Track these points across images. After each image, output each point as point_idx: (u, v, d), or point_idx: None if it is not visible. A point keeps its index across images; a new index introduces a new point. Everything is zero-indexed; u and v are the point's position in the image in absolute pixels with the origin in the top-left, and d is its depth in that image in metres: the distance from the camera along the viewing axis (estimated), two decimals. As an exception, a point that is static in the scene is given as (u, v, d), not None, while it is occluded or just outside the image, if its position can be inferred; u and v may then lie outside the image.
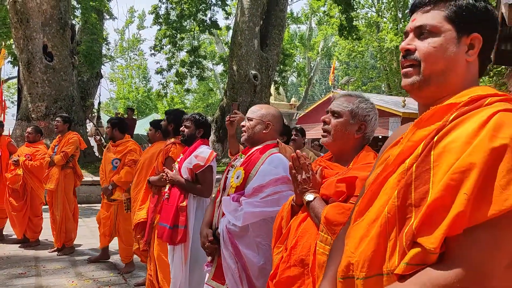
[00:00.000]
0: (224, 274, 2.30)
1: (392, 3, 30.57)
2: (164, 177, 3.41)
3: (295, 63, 37.58)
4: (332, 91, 28.09)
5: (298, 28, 40.20)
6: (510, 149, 0.89)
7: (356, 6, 30.96)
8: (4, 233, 6.55)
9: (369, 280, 1.03)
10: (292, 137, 5.13)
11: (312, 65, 35.10)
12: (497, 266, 0.89)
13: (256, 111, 2.52)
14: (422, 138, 1.04)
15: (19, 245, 6.10)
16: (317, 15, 30.03)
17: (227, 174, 2.52)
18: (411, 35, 1.16)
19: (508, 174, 0.87)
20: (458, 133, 0.97)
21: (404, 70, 1.15)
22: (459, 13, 1.10)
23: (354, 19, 29.26)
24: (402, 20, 30.45)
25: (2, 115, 16.87)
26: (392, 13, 31.02)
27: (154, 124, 4.71)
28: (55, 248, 5.80)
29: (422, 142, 1.02)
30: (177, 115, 4.12)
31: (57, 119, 5.98)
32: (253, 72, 14.08)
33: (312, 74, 34.26)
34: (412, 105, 23.70)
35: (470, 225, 0.89)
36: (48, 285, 4.49)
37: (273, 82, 17.21)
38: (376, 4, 32.22)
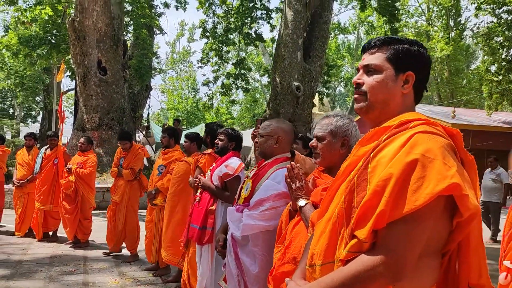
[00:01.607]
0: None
1: (444, 11, 29.88)
2: (197, 182, 3.73)
3: (342, 73, 37.47)
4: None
5: (346, 38, 40.11)
6: (420, 163, 1.14)
7: (405, 15, 30.58)
8: (58, 234, 7.16)
9: (324, 266, 1.30)
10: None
11: (360, 75, 34.73)
12: (411, 254, 1.15)
13: (266, 126, 2.73)
14: (364, 154, 1.30)
15: (71, 245, 6.65)
16: (365, 24, 29.89)
17: (244, 184, 2.78)
18: (361, 71, 1.45)
19: (418, 181, 1.13)
20: (387, 150, 1.23)
21: (355, 96, 1.44)
22: (396, 55, 1.39)
23: (404, 28, 28.88)
24: (454, 28, 29.70)
25: (61, 125, 18.04)
26: (443, 21, 30.30)
27: (189, 136, 5.05)
28: (108, 252, 6.16)
29: (363, 157, 1.28)
30: (213, 128, 4.47)
31: (122, 141, 6.12)
32: (296, 83, 14.29)
33: (359, 84, 33.93)
34: (463, 116, 22.97)
35: (390, 221, 1.15)
36: (94, 282, 4.93)
37: (316, 93, 17.34)
38: (426, 13, 31.59)
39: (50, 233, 7.15)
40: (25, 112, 36.23)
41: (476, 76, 26.82)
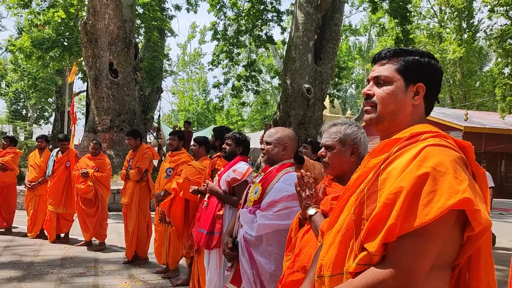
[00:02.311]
0: (240, 278, 2.61)
1: (456, 13, 29.62)
2: (205, 187, 3.73)
3: (353, 75, 37.34)
4: (390, 104, 27.56)
5: (357, 39, 39.97)
6: (431, 176, 1.13)
7: (417, 17, 30.34)
8: (70, 236, 7.20)
9: (333, 278, 1.30)
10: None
11: (371, 77, 34.53)
12: (421, 268, 1.14)
13: (273, 135, 2.81)
14: (374, 166, 1.29)
15: (87, 247, 6.66)
16: (376, 26, 29.73)
17: (249, 189, 2.81)
18: (371, 82, 1.44)
19: (429, 195, 1.12)
20: (398, 163, 1.22)
21: (365, 108, 1.44)
22: (406, 67, 1.38)
23: (416, 30, 28.64)
24: (467, 30, 29.43)
25: (73, 126, 18.23)
26: (456, 23, 30.04)
27: (198, 140, 5.05)
28: (127, 260, 5.97)
29: (374, 169, 1.26)
30: (222, 132, 4.47)
31: (127, 137, 6.17)
32: (306, 86, 14.26)
33: (370, 86, 33.73)
34: (475, 118, 22.75)
35: (401, 234, 1.14)
36: (104, 284, 4.96)
37: (327, 95, 17.28)
38: (438, 14, 31.34)
39: (62, 234, 7.19)
40: (38, 113, 36.65)
41: (489, 79, 26.54)
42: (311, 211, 1.93)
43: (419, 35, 30.41)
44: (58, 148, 7.29)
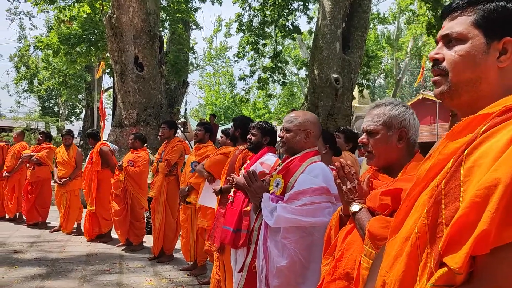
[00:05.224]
0: (254, 282, 2.45)
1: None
2: (231, 181, 3.45)
3: (382, 64, 36.41)
4: (422, 93, 26.73)
5: (385, 28, 39.01)
6: None
7: (448, 2, 29.25)
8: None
9: None
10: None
11: (401, 66, 33.79)
12: None
13: (293, 120, 2.47)
14: (454, 152, 0.95)
15: (123, 248, 6.29)
16: (405, 14, 28.84)
17: (268, 182, 2.55)
18: (440, 43, 1.10)
19: None
20: (489, 147, 0.88)
21: (433, 79, 1.10)
22: (487, 17, 1.02)
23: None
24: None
25: (103, 122, 18.32)
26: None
27: (226, 132, 4.80)
28: (153, 256, 5.80)
29: (453, 156, 0.94)
30: (243, 121, 4.18)
31: (162, 125, 5.92)
32: (335, 75, 13.82)
33: (400, 75, 32.95)
34: None
35: (496, 245, 0.81)
36: (128, 282, 4.78)
37: (356, 85, 16.78)
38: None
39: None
40: (69, 110, 37.32)
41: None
42: (355, 207, 1.62)
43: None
44: None
